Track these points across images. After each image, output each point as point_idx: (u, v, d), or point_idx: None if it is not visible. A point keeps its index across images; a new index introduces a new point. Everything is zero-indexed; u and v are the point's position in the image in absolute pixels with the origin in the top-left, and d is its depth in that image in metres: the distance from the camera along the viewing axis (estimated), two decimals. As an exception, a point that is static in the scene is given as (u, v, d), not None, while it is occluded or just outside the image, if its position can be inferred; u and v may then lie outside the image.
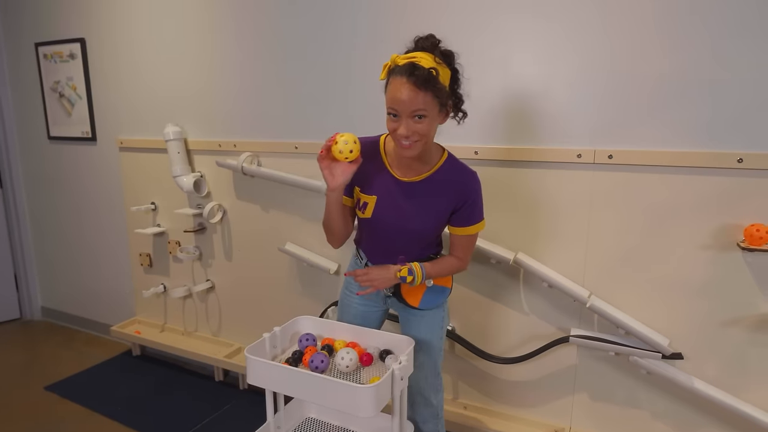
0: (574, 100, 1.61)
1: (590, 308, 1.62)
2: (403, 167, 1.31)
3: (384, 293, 1.49)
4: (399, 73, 1.15)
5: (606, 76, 1.55)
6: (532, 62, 1.64)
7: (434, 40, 1.18)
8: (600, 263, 1.66)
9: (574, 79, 1.60)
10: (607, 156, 1.58)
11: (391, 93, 1.17)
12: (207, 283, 2.50)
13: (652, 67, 1.49)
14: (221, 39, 2.20)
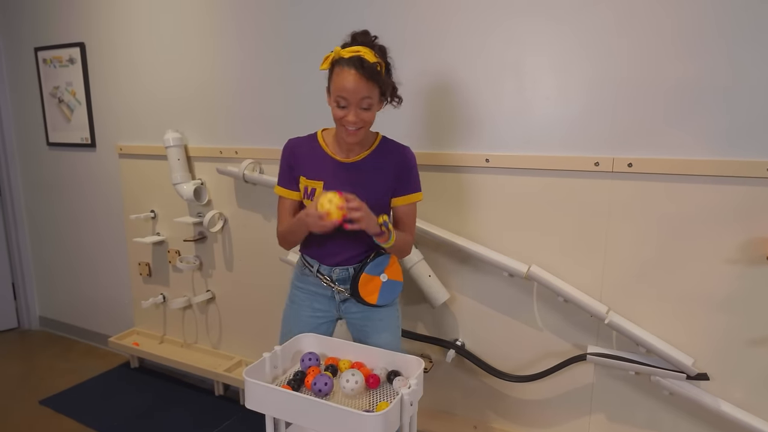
0: (591, 107, 1.53)
1: (609, 325, 1.54)
2: (343, 152, 1.39)
3: (339, 298, 1.47)
4: (346, 65, 1.22)
5: (624, 81, 1.48)
6: (547, 67, 1.57)
7: (371, 36, 1.28)
8: (619, 277, 1.58)
9: (590, 85, 1.52)
10: (627, 164, 1.50)
11: (339, 83, 1.23)
12: (207, 294, 2.42)
13: (673, 72, 1.41)
14: (222, 43, 2.13)
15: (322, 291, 1.47)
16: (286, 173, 1.40)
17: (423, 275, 1.78)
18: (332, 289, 1.45)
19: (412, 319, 1.95)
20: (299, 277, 1.49)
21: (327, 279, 1.44)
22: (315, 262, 1.44)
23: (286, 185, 1.42)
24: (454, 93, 1.71)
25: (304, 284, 1.48)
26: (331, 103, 1.29)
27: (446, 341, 1.87)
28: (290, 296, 1.52)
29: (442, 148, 1.77)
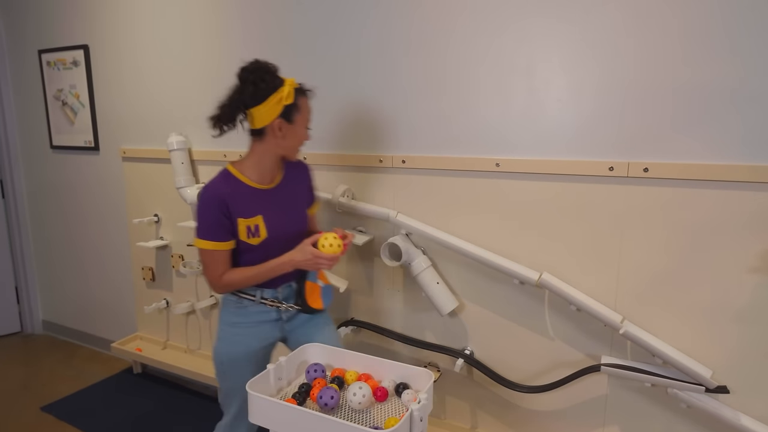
0: (605, 109, 1.48)
1: (624, 335, 1.48)
2: (264, 178, 1.43)
3: (285, 317, 1.50)
4: (305, 95, 1.40)
5: (640, 81, 1.43)
6: (559, 68, 1.52)
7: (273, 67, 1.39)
8: (634, 285, 1.53)
9: (604, 86, 1.47)
10: (642, 169, 1.45)
11: (306, 111, 1.41)
12: (211, 300, 2.39)
13: (692, 73, 1.36)
14: (227, 44, 2.10)
15: (265, 317, 1.47)
16: (217, 225, 1.34)
17: (431, 282, 1.73)
18: (279, 310, 1.48)
19: (420, 327, 1.91)
20: (236, 313, 1.46)
21: (274, 301, 1.46)
22: (256, 290, 1.45)
23: (220, 238, 1.35)
24: (462, 95, 1.67)
25: (245, 318, 1.46)
26: (299, 128, 1.39)
27: (455, 350, 1.82)
28: (227, 340, 1.46)
29: (450, 151, 1.73)
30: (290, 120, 1.37)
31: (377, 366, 1.28)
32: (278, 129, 1.36)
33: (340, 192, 1.85)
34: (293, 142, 1.41)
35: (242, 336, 1.46)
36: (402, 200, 1.84)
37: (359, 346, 2.06)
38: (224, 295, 1.47)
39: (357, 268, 1.99)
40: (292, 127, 1.38)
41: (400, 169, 1.82)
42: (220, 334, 1.48)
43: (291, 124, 1.37)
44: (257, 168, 1.41)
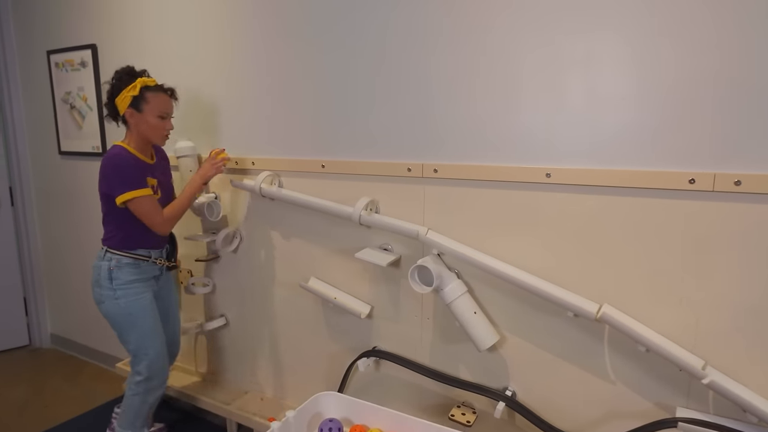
0: (684, 107, 1.22)
1: (709, 385, 1.21)
2: (148, 155, 1.79)
3: (162, 271, 1.88)
4: (159, 90, 1.72)
5: (732, 74, 1.16)
6: (624, 59, 1.26)
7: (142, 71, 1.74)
8: (719, 322, 1.25)
9: (682, 79, 1.21)
10: (733, 182, 1.18)
11: (158, 105, 1.70)
12: (221, 320, 2.18)
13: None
14: (239, 45, 1.90)
15: (153, 273, 1.84)
16: (139, 176, 1.67)
17: (467, 311, 1.49)
18: (161, 267, 1.86)
19: (453, 361, 1.66)
20: (132, 272, 1.75)
21: (161, 260, 1.84)
22: (148, 251, 1.79)
23: (145, 185, 1.69)
24: (506, 92, 1.42)
25: (141, 275, 1.78)
26: (149, 117, 1.69)
27: (494, 390, 1.56)
28: (130, 295, 1.73)
29: (491, 159, 1.48)
30: (139, 109, 1.68)
31: (406, 425, 1.04)
32: (130, 116, 1.69)
33: (362, 205, 1.62)
34: (147, 128, 1.70)
35: (141, 289, 1.77)
36: (433, 215, 1.60)
37: (382, 380, 1.82)
38: (118, 257, 1.73)
39: (381, 291, 1.75)
40: (141, 115, 1.68)
41: (431, 179, 1.58)
42: (118, 293, 1.72)
43: (140, 113, 1.68)
44: (138, 147, 1.74)
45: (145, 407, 1.84)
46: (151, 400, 1.84)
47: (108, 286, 1.73)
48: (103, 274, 1.73)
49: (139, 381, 1.80)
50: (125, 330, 1.76)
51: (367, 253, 1.67)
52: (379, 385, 1.83)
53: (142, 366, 1.78)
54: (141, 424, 1.86)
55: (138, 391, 1.81)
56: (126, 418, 1.84)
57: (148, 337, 1.77)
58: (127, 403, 1.83)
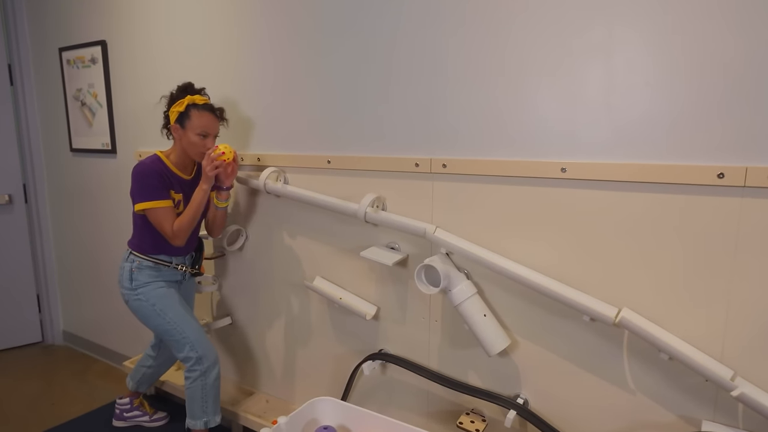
0: (711, 96, 1.12)
1: (739, 398, 1.11)
2: (186, 171, 1.80)
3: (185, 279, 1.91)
4: (205, 110, 1.71)
5: (764, 58, 1.06)
6: (647, 42, 1.17)
7: (198, 88, 1.77)
8: (749, 330, 1.15)
9: (710, 64, 1.11)
10: (767, 176, 1.08)
11: (201, 122, 1.69)
12: (226, 319, 2.14)
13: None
14: (246, 42, 1.86)
15: (174, 278, 1.86)
16: (162, 188, 1.69)
17: (476, 314, 1.41)
18: (184, 272, 1.88)
19: (462, 366, 1.58)
20: (152, 275, 1.78)
21: (183, 266, 1.85)
22: (170, 258, 1.82)
23: (165, 197, 1.70)
24: (518, 82, 1.34)
25: (161, 278, 1.80)
26: (190, 134, 1.70)
27: (504, 398, 1.48)
28: (150, 290, 1.76)
29: (502, 153, 1.40)
30: (182, 125, 1.71)
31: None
32: (175, 131, 1.73)
33: (368, 202, 1.56)
34: (187, 143, 1.72)
35: (160, 284, 1.79)
36: (442, 212, 1.53)
37: (388, 384, 1.75)
38: (140, 260, 1.77)
39: (388, 291, 1.69)
40: (184, 132, 1.71)
41: (440, 174, 1.51)
42: (138, 291, 1.76)
43: (183, 129, 1.71)
44: (177, 160, 1.77)
45: (209, 391, 1.79)
46: (210, 381, 1.78)
47: (129, 286, 1.77)
48: (125, 275, 1.78)
49: (191, 366, 1.77)
50: (156, 321, 1.76)
51: (372, 252, 1.60)
52: (384, 389, 1.77)
53: (186, 350, 1.76)
54: (213, 410, 1.81)
55: (195, 377, 1.77)
56: (195, 408, 1.79)
57: (180, 320, 1.76)
58: (189, 395, 1.79)
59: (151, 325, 1.78)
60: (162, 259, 1.80)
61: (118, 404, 2.13)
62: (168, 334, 1.76)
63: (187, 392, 1.79)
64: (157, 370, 2.07)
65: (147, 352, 2.06)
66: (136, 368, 2.09)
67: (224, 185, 1.78)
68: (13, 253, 2.90)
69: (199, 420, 1.79)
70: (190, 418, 1.80)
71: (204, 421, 1.79)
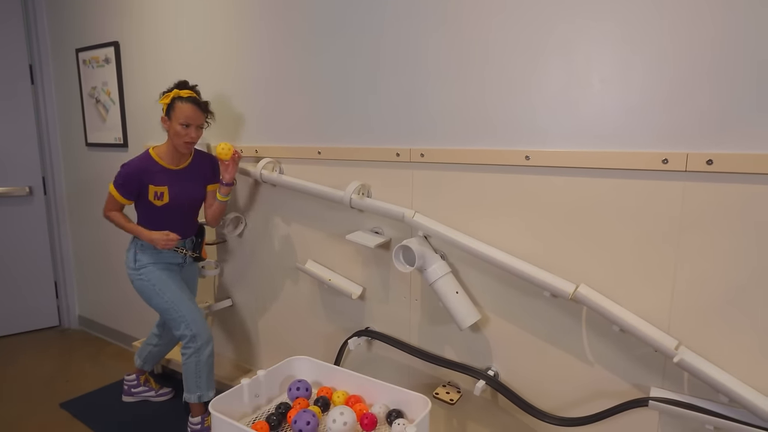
0: (658, 88, 1.23)
1: (679, 364, 1.21)
2: (174, 161, 1.92)
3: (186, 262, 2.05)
4: (189, 101, 1.83)
5: (706, 53, 1.17)
6: (603, 40, 1.28)
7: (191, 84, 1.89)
8: (693, 303, 1.25)
9: (657, 60, 1.22)
10: (705, 161, 1.18)
11: (183, 112, 1.82)
12: (227, 302, 2.29)
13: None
14: (246, 39, 2.00)
15: (174, 261, 1.99)
16: (128, 187, 1.85)
17: (449, 291, 1.53)
18: (185, 256, 2.01)
19: (439, 342, 1.70)
20: (152, 255, 1.93)
21: (183, 249, 1.99)
22: None
23: (124, 195, 1.87)
24: (488, 76, 1.46)
25: (161, 259, 1.95)
26: (174, 124, 1.83)
27: (476, 369, 1.60)
28: (151, 271, 1.91)
29: (474, 143, 1.52)
30: (168, 116, 1.84)
31: (370, 387, 1.10)
32: (163, 122, 1.87)
33: (353, 189, 1.69)
34: (173, 134, 1.85)
35: (161, 266, 1.94)
36: (421, 198, 1.65)
37: (373, 360, 1.88)
38: (142, 243, 1.92)
39: (372, 273, 1.81)
40: (170, 123, 1.84)
41: (418, 163, 1.64)
42: (141, 272, 1.91)
43: (169, 120, 1.84)
44: (166, 152, 1.90)
45: (202, 367, 1.93)
46: (204, 358, 1.92)
47: (133, 267, 1.93)
48: (129, 257, 1.94)
49: (186, 343, 1.91)
50: (156, 299, 1.91)
51: (357, 236, 1.73)
52: (370, 365, 1.89)
53: (182, 328, 1.90)
54: (206, 386, 1.95)
55: (189, 353, 1.91)
56: (190, 382, 1.94)
57: (177, 300, 1.90)
58: (185, 370, 1.93)
59: (152, 304, 1.93)
60: None
61: (126, 381, 2.29)
62: (166, 313, 1.91)
63: (184, 368, 1.94)
64: (163, 348, 2.22)
65: (152, 332, 2.21)
66: (143, 346, 2.25)
67: (223, 180, 1.93)
68: (33, 243, 3.09)
69: (193, 394, 1.94)
70: (186, 392, 1.95)
71: (198, 395, 1.94)
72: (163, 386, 2.32)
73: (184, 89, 1.86)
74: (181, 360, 1.95)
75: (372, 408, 1.05)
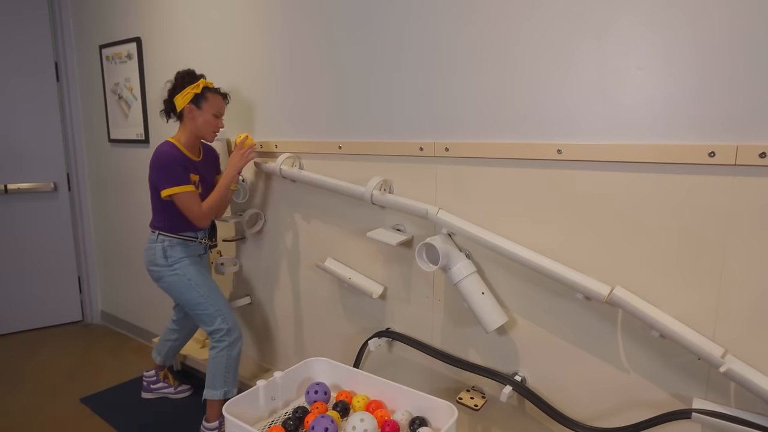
0: (703, 77, 1.14)
1: (726, 374, 1.12)
2: (195, 152, 1.93)
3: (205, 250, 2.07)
4: (217, 92, 1.88)
5: (753, 38, 1.07)
6: (641, 26, 1.19)
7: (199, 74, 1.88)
8: (741, 308, 1.16)
9: (700, 47, 1.13)
10: (758, 154, 1.09)
11: (215, 104, 1.87)
12: (246, 299, 2.26)
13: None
14: (266, 39, 1.96)
15: (199, 251, 2.02)
16: (183, 174, 1.81)
17: (475, 292, 1.46)
18: (206, 246, 2.06)
19: (463, 344, 1.63)
20: (183, 251, 1.92)
21: (205, 239, 2.03)
22: (195, 234, 1.97)
23: (188, 182, 1.82)
24: (516, 66, 1.38)
25: (190, 252, 1.95)
26: (206, 114, 1.85)
27: (503, 375, 1.52)
28: (185, 266, 1.90)
29: (502, 137, 1.44)
30: (199, 106, 1.84)
31: (392, 393, 1.04)
32: (189, 112, 1.84)
33: (374, 184, 1.63)
34: (203, 123, 1.85)
35: (192, 260, 1.94)
36: (446, 194, 1.58)
37: (394, 362, 1.82)
38: (170, 238, 1.90)
39: (394, 271, 1.75)
40: (200, 112, 1.84)
41: (443, 158, 1.57)
42: (174, 267, 1.89)
43: (199, 109, 1.84)
44: (187, 144, 1.88)
45: (232, 362, 1.91)
46: (235, 353, 1.91)
47: (164, 263, 1.89)
48: (158, 254, 1.89)
49: (221, 337, 1.88)
50: (191, 294, 1.88)
51: (378, 233, 1.68)
52: (391, 367, 1.83)
53: (218, 321, 1.88)
54: (232, 382, 1.93)
55: (222, 347, 1.88)
56: (217, 378, 1.89)
57: (213, 294, 1.90)
58: (214, 365, 1.89)
59: (185, 299, 1.89)
60: (189, 235, 1.95)
61: (145, 377, 2.28)
62: (201, 307, 1.88)
63: (212, 362, 1.89)
64: (182, 342, 2.21)
65: (170, 327, 2.19)
66: (162, 342, 2.23)
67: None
68: (57, 238, 3.12)
69: (219, 390, 1.89)
70: (210, 388, 1.90)
71: (224, 390, 1.90)
72: (181, 383, 2.30)
73: (202, 80, 1.85)
74: (209, 355, 1.90)
75: (394, 415, 0.99)
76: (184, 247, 1.93)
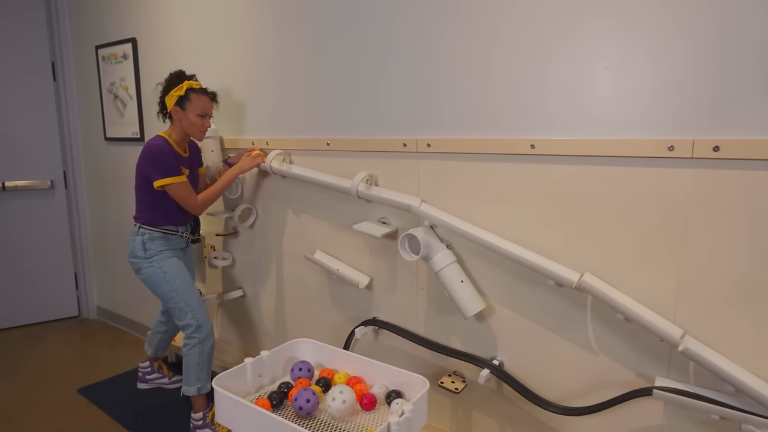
0: (664, 77, 1.22)
1: (684, 352, 1.20)
2: (183, 148, 1.99)
3: (188, 244, 2.11)
4: (202, 93, 1.92)
5: (711, 39, 1.15)
6: (608, 28, 1.28)
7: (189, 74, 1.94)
8: (699, 292, 1.24)
9: (661, 48, 1.21)
10: (712, 148, 1.17)
11: (200, 103, 1.90)
12: (238, 292, 2.33)
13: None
14: (258, 41, 2.04)
15: (180, 246, 2.05)
16: (175, 165, 1.87)
17: (454, 280, 1.54)
18: (188, 240, 2.09)
19: (445, 331, 1.71)
20: (163, 244, 1.95)
21: (186, 233, 2.05)
22: (175, 227, 1.99)
23: (180, 172, 1.89)
24: (493, 65, 1.46)
25: (170, 246, 1.98)
26: (190, 115, 1.89)
27: (482, 359, 1.60)
28: (163, 260, 1.93)
29: (480, 132, 1.52)
30: (183, 107, 1.89)
31: (371, 369, 1.11)
32: (175, 113, 1.90)
33: (360, 179, 1.71)
34: (188, 124, 1.90)
35: (171, 254, 1.97)
36: (427, 188, 1.66)
37: (380, 349, 1.90)
38: (150, 232, 1.93)
39: (380, 263, 1.83)
40: (184, 113, 1.89)
41: (425, 153, 1.65)
42: (153, 259, 1.92)
43: (183, 111, 1.89)
44: (176, 140, 1.94)
45: (204, 358, 1.93)
46: (206, 349, 1.93)
47: (143, 255, 1.92)
48: (137, 246, 1.93)
49: (191, 333, 1.91)
50: (165, 287, 1.92)
51: (364, 226, 1.75)
52: (377, 354, 1.91)
53: (189, 317, 1.91)
54: (206, 377, 1.96)
55: (193, 344, 1.91)
56: (190, 374, 1.93)
57: (186, 289, 1.93)
58: (187, 361, 1.93)
59: (159, 291, 1.93)
60: (169, 229, 1.97)
61: (141, 368, 2.35)
62: (173, 301, 1.92)
63: (185, 359, 1.94)
64: (171, 334, 2.27)
65: (158, 319, 2.26)
66: (152, 335, 2.30)
67: (229, 161, 2.11)
68: (54, 235, 3.18)
69: (193, 386, 1.94)
70: (186, 384, 1.95)
71: (197, 387, 1.94)
72: (176, 374, 2.37)
73: (191, 80, 1.90)
74: (182, 351, 1.94)
75: (372, 389, 1.06)
76: (165, 240, 1.95)
